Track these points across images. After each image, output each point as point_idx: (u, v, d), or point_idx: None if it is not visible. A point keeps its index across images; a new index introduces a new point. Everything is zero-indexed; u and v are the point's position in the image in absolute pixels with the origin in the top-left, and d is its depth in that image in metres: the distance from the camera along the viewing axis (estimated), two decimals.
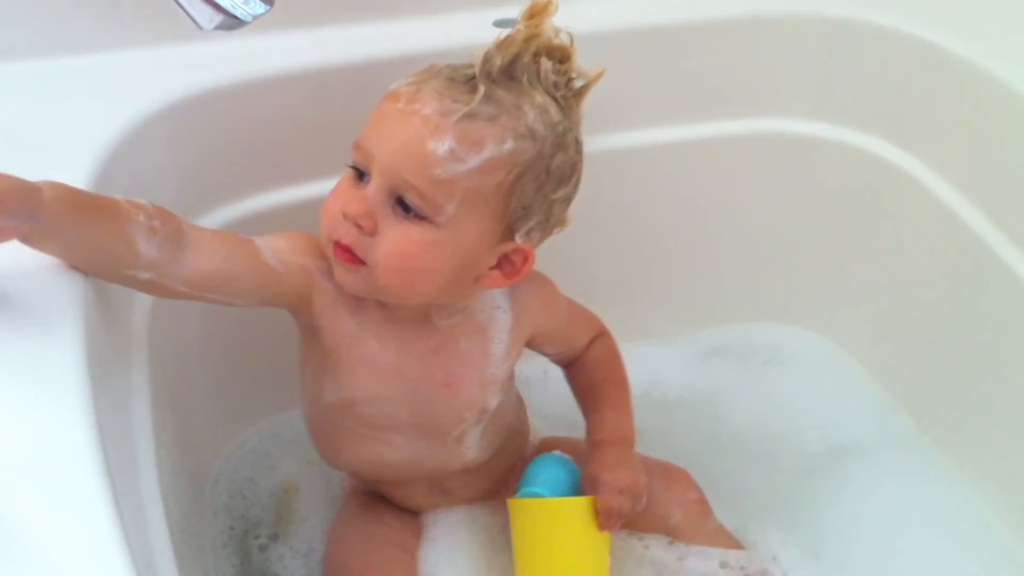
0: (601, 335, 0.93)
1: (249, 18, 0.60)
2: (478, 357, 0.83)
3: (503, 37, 0.74)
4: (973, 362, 1.02)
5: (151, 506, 0.68)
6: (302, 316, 0.81)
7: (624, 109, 1.01)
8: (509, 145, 0.72)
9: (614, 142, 1.02)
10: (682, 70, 1.03)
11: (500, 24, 0.98)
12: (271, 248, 0.77)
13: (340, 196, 0.75)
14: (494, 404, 0.85)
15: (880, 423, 1.10)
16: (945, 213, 1.00)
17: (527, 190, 0.74)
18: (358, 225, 0.73)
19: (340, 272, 0.76)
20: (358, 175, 0.75)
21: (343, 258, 0.74)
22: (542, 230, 0.77)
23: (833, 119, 1.07)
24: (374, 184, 0.73)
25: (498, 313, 0.84)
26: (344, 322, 0.80)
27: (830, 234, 1.13)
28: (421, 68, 0.76)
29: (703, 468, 0.98)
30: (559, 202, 0.77)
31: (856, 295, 1.14)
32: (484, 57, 0.73)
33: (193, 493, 0.92)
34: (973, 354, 1.02)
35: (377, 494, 0.94)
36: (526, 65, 0.74)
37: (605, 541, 0.85)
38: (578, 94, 0.77)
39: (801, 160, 1.09)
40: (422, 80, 0.73)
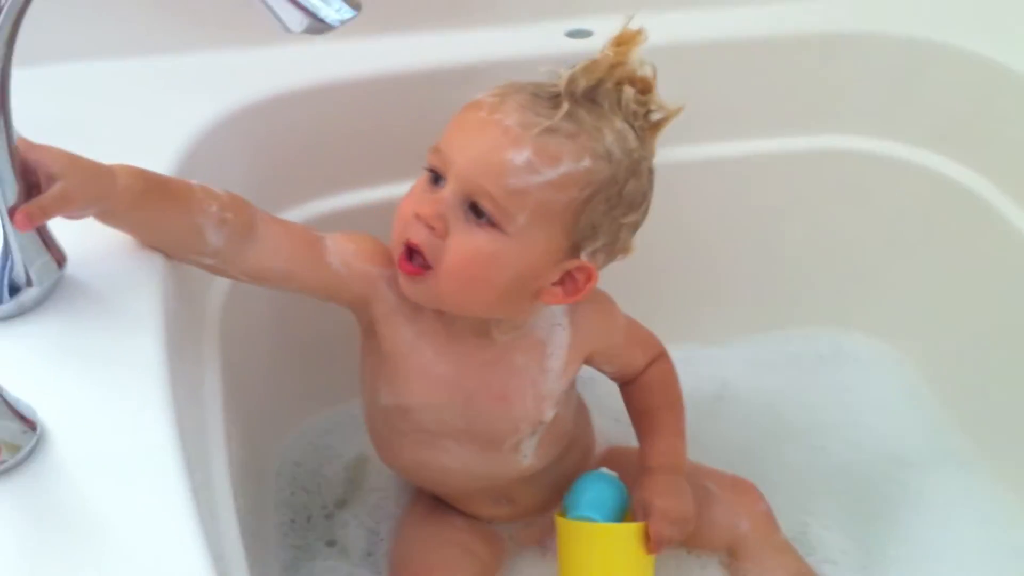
0: (659, 357, 0.93)
1: (337, 23, 0.60)
2: (534, 372, 0.84)
3: (590, 61, 0.74)
4: None
5: (222, 497, 0.69)
6: (362, 318, 0.83)
7: (698, 121, 1.00)
8: (585, 163, 0.73)
9: (686, 153, 1.02)
10: (755, 85, 1.03)
11: (573, 35, 0.99)
12: (338, 250, 0.78)
13: (414, 198, 0.76)
14: (550, 416, 0.85)
15: (936, 435, 1.09)
16: (1015, 234, 1.00)
17: (597, 210, 0.74)
18: (430, 226, 0.74)
19: (404, 282, 0.77)
20: (434, 179, 0.75)
21: (407, 269, 0.75)
22: (607, 253, 0.78)
23: (904, 138, 1.06)
24: (449, 188, 0.74)
25: (557, 330, 0.84)
26: (402, 331, 0.81)
27: (896, 247, 1.12)
28: (495, 77, 0.77)
29: (764, 473, 0.98)
30: (627, 227, 0.77)
31: (920, 307, 1.13)
32: (569, 77, 0.73)
33: (256, 478, 0.94)
34: None
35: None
36: (608, 91, 0.74)
37: (651, 564, 0.87)
38: (655, 126, 0.77)
39: (870, 177, 1.09)
40: (506, 93, 0.74)
